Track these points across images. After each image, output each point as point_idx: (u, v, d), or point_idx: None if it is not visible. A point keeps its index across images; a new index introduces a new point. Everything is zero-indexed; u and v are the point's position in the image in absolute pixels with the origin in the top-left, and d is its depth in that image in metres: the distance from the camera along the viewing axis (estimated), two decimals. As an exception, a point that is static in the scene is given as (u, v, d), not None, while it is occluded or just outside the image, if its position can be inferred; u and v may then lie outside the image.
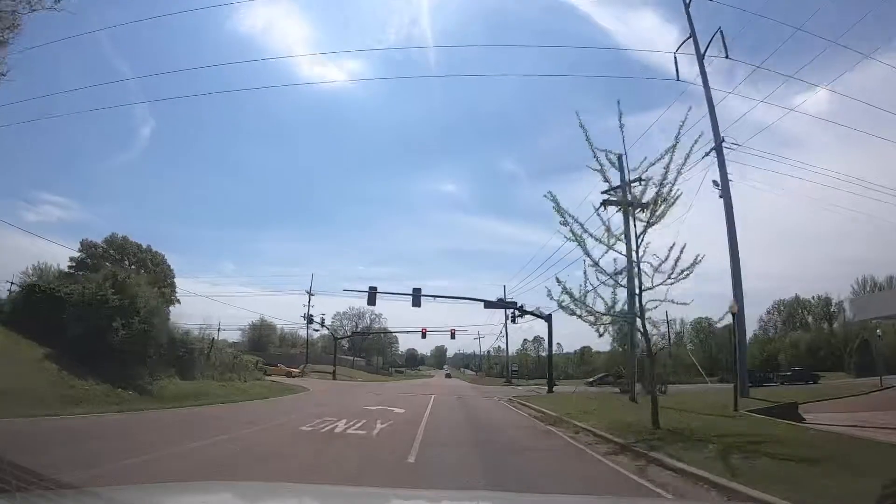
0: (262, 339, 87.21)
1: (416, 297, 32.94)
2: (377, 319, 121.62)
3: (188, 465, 8.46)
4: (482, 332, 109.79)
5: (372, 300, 33.42)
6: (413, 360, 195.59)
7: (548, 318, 33.83)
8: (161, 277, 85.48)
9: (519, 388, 53.46)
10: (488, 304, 35.22)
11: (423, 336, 58.09)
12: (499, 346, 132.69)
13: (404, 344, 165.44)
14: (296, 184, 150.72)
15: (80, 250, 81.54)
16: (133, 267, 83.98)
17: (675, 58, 24.69)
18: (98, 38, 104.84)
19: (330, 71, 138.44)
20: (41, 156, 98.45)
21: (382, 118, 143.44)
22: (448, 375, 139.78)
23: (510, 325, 68.41)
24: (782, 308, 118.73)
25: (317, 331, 61.10)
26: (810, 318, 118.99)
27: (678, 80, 23.85)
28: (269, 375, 49.66)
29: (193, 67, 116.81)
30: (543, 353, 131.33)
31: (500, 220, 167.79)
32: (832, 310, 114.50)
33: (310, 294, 62.23)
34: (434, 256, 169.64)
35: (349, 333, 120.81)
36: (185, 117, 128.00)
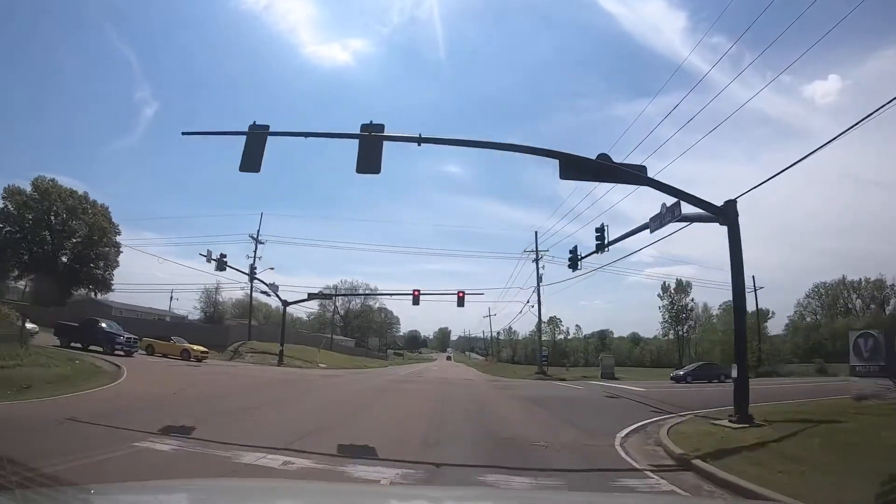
0: (217, 310, 65.90)
1: (371, 141, 10.62)
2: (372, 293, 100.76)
3: None
4: (492, 309, 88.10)
5: (254, 152, 11.40)
6: (414, 343, 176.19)
7: (727, 212, 11.91)
8: (97, 231, 65.14)
9: (565, 384, 31.49)
10: (570, 168, 12.51)
11: (416, 301, 36.63)
12: (510, 328, 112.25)
13: (407, 326, 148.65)
14: (299, 166, 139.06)
15: (3, 197, 62.02)
16: (64, 215, 64.02)
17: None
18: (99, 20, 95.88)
19: (333, 51, 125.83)
20: (46, 137, 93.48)
21: (386, 100, 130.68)
22: (449, 357, 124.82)
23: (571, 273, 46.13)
24: (823, 292, 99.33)
25: (265, 293, 39.46)
26: (858, 302, 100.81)
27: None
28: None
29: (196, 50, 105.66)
30: (560, 336, 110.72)
31: (505, 204, 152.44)
32: (885, 293, 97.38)
33: (256, 241, 40.74)
34: (436, 239, 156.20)
35: (336, 309, 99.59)
36: (184, 96, 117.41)
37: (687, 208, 15.74)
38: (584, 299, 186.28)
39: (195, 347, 31.11)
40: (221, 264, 30.24)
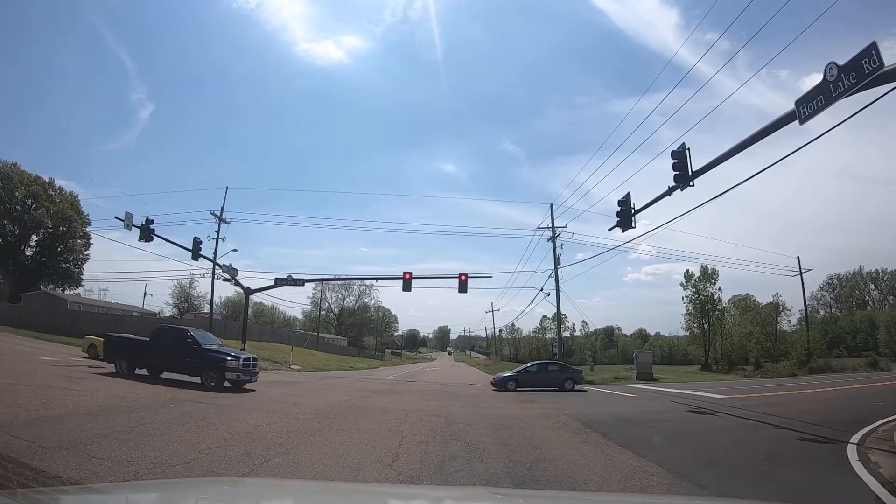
0: (191, 304, 57.85)
1: None
2: (367, 291, 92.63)
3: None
4: (494, 304, 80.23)
5: None
6: (413, 342, 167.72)
7: None
8: (62, 221, 57.32)
9: (601, 389, 23.14)
10: None
11: (407, 287, 28.86)
12: (513, 325, 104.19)
13: (406, 325, 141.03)
14: (294, 164, 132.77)
15: (-40, 184, 53.21)
16: (29, 201, 56.30)
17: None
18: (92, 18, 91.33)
19: (326, 48, 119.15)
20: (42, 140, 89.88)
21: (381, 97, 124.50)
22: (450, 353, 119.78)
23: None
24: (837, 283, 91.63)
25: (227, 280, 31.53)
26: (875, 294, 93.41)
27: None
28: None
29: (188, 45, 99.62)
30: (566, 333, 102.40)
31: (500, 202, 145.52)
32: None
33: (220, 219, 32.79)
34: (434, 238, 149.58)
35: (330, 307, 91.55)
36: (179, 97, 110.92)
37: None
38: (584, 297, 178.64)
39: None
40: (146, 232, 22.22)
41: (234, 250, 35.22)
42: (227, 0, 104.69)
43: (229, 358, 14.82)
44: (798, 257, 44.61)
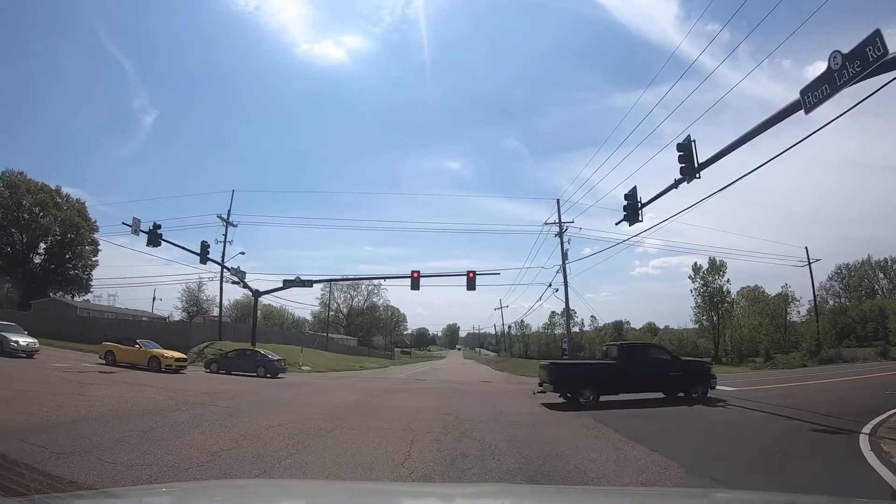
0: (200, 307, 58.08)
1: None
2: (375, 290, 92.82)
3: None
4: (503, 301, 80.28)
5: None
6: (422, 340, 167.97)
7: None
8: (70, 228, 57.62)
9: None
10: None
11: (416, 286, 28.91)
12: (522, 321, 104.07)
13: (415, 323, 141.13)
14: (298, 165, 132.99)
15: (-32, 192, 53.55)
16: (37, 209, 56.48)
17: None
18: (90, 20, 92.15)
19: (326, 49, 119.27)
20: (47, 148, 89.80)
21: (382, 97, 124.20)
22: (459, 350, 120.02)
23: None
24: (846, 273, 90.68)
25: (236, 282, 31.68)
26: (885, 283, 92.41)
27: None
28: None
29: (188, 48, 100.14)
30: (576, 329, 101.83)
31: (505, 199, 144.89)
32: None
33: (226, 222, 32.90)
34: (440, 236, 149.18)
35: (339, 307, 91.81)
36: (182, 102, 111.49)
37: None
38: (591, 291, 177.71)
39: (167, 354, 22.64)
40: (154, 237, 22.35)
41: (242, 253, 35.28)
42: (225, 3, 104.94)
43: (711, 369, 15.19)
44: (806, 248, 44.22)
